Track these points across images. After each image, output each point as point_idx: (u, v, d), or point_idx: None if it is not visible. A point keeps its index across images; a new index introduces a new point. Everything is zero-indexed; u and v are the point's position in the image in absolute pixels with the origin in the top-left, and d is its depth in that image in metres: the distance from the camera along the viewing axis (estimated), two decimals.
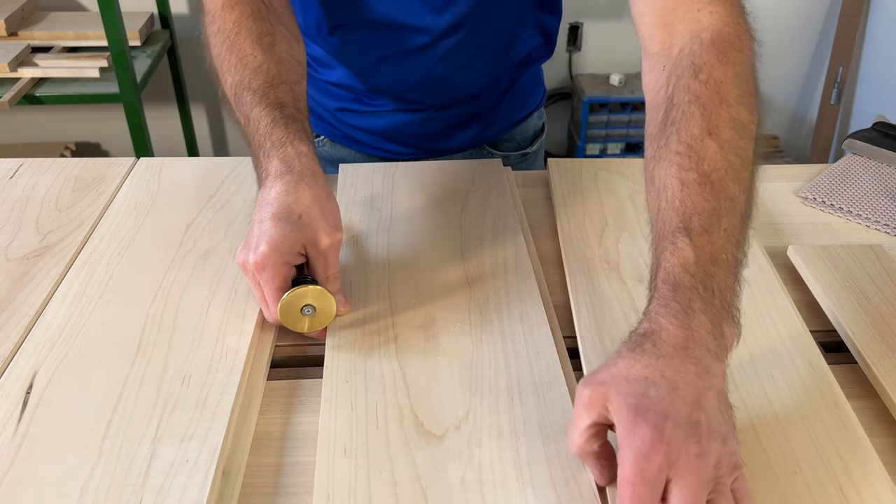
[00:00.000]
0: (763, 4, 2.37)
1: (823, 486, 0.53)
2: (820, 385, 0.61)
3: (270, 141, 0.67)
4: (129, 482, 0.53)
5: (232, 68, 0.73)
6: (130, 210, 0.82)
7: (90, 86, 1.91)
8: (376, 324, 0.66)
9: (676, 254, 0.52)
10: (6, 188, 0.88)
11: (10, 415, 0.58)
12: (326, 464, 0.53)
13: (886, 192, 0.88)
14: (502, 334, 0.65)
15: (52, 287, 0.71)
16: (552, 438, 0.55)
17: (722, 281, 0.51)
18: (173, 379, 0.61)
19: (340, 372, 0.61)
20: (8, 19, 1.96)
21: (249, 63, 0.72)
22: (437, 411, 0.57)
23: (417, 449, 0.54)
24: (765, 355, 0.64)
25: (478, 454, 0.54)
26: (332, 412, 0.58)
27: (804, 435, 0.57)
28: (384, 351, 0.63)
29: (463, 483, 0.52)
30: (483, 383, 0.60)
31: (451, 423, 0.56)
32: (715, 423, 0.47)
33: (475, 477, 0.52)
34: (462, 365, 0.62)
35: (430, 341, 0.64)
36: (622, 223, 0.81)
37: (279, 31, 0.76)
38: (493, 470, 0.53)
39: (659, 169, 0.57)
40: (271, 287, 0.63)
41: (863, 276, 0.73)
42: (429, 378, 0.60)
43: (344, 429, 0.56)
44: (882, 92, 2.26)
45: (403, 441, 0.55)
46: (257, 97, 0.70)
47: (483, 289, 0.70)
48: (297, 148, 0.66)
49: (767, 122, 2.58)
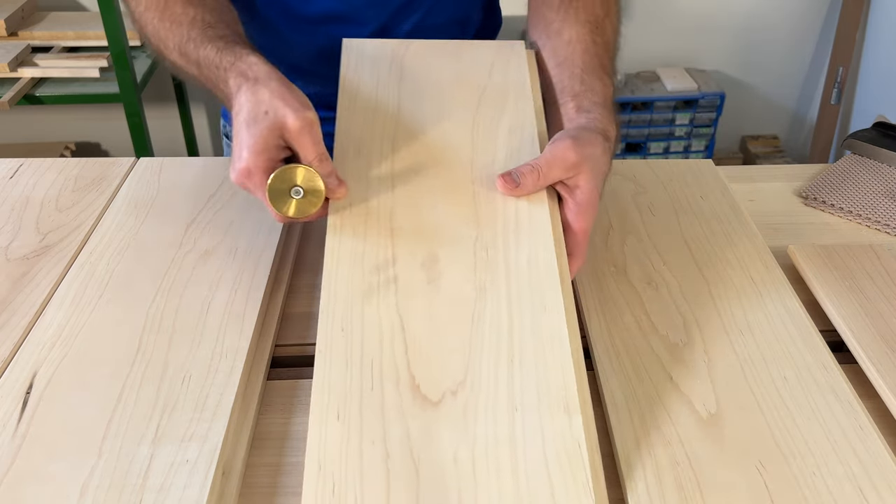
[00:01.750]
0: (764, 4, 2.38)
1: (843, 486, 0.53)
2: (834, 386, 0.61)
3: (223, 67, 0.69)
4: (129, 482, 0.53)
5: (170, 33, 0.75)
6: (130, 210, 0.82)
7: (90, 86, 1.91)
8: (376, 257, 0.61)
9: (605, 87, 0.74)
10: (6, 188, 0.88)
11: (10, 415, 0.58)
12: (319, 429, 0.51)
13: (886, 191, 0.88)
14: (507, 282, 0.60)
15: (52, 287, 0.71)
16: (549, 413, 0.52)
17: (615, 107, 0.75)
18: (173, 379, 0.61)
19: (337, 318, 0.57)
20: (8, 19, 1.96)
21: (184, 20, 0.74)
22: (435, 372, 0.54)
23: (412, 417, 0.52)
24: (777, 356, 0.64)
25: (472, 428, 0.51)
26: (326, 368, 0.55)
27: (821, 436, 0.57)
28: (383, 295, 0.59)
29: (455, 460, 0.50)
30: (483, 341, 0.56)
31: (448, 388, 0.54)
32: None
33: (468, 453, 0.50)
34: (463, 317, 0.58)
35: (432, 284, 0.60)
36: (627, 226, 0.80)
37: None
38: (486, 446, 0.51)
39: (569, 27, 0.78)
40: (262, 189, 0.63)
41: (863, 276, 0.73)
42: (428, 331, 0.57)
43: (338, 389, 0.53)
44: (882, 92, 2.26)
45: (398, 408, 0.52)
46: (199, 41, 0.72)
47: (492, 224, 0.64)
48: (246, 60, 0.68)
49: (767, 122, 2.58)
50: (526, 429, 0.51)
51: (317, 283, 0.76)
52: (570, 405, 0.52)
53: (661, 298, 0.70)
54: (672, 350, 0.65)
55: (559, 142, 0.66)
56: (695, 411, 0.59)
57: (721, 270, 0.74)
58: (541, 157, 0.66)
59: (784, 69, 2.49)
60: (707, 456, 0.55)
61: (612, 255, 0.76)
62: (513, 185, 0.65)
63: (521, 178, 0.65)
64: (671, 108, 2.34)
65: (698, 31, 2.39)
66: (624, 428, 0.58)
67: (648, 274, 0.73)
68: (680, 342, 0.65)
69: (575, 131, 0.68)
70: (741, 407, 0.59)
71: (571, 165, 0.65)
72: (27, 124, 2.33)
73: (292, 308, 0.73)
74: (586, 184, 0.65)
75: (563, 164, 0.65)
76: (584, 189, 0.65)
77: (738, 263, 0.75)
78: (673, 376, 0.62)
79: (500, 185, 0.66)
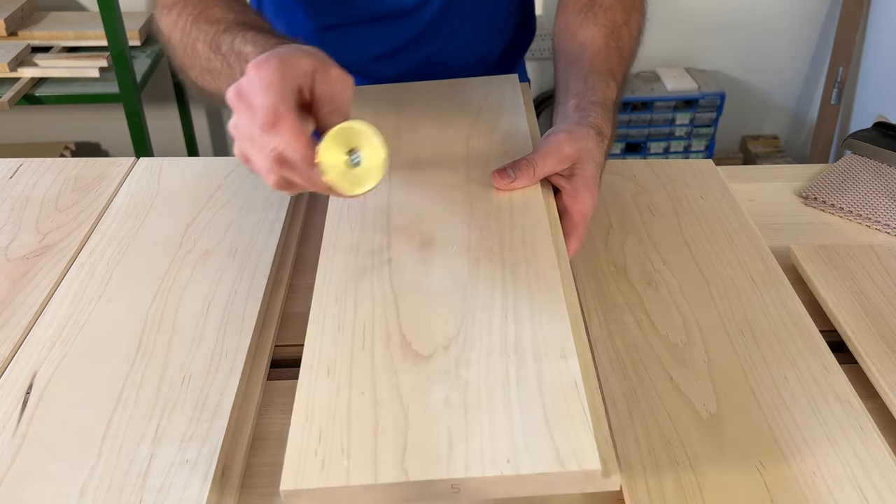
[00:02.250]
0: (764, 4, 2.38)
1: (843, 487, 0.53)
2: (834, 386, 0.61)
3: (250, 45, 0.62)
4: (129, 482, 0.53)
5: (201, 32, 0.68)
6: (130, 210, 0.82)
7: (90, 86, 1.91)
8: (371, 242, 0.62)
9: (609, 89, 0.74)
10: (6, 188, 0.87)
11: (9, 415, 0.58)
12: (308, 384, 0.50)
13: (887, 191, 0.88)
14: (502, 254, 0.60)
15: (52, 287, 0.71)
16: (545, 358, 0.51)
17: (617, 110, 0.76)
18: (173, 379, 0.61)
19: (331, 292, 0.58)
20: (8, 19, 1.96)
21: (222, 19, 0.68)
22: (426, 331, 0.54)
23: (402, 369, 0.51)
24: (777, 356, 0.64)
25: (465, 374, 0.50)
26: (318, 333, 0.54)
27: (821, 437, 0.57)
28: (377, 272, 0.59)
29: (447, 403, 0.48)
30: (477, 302, 0.56)
31: (440, 344, 0.53)
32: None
33: (460, 397, 0.49)
34: (457, 284, 0.57)
35: (426, 261, 0.60)
36: (627, 226, 0.80)
37: (249, 7, 0.74)
38: (479, 390, 0.49)
39: (585, 30, 0.79)
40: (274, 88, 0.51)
41: (863, 276, 0.73)
42: (421, 298, 0.56)
43: (329, 350, 0.53)
44: (882, 92, 2.26)
45: (388, 361, 0.52)
46: (234, 33, 0.65)
47: (486, 209, 0.65)
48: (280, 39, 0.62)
49: (768, 122, 2.58)
50: (520, 372, 0.50)
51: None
52: (567, 352, 0.51)
53: (661, 298, 0.70)
54: (672, 350, 0.65)
55: (553, 136, 0.67)
56: (695, 411, 0.59)
57: (721, 270, 0.74)
58: (535, 152, 0.67)
59: (784, 69, 2.49)
60: (707, 456, 0.55)
61: (612, 255, 0.76)
62: (508, 180, 0.66)
63: (516, 172, 0.66)
64: (671, 108, 2.34)
65: (698, 31, 2.39)
66: (624, 428, 0.58)
67: (648, 274, 0.73)
68: (680, 342, 0.65)
69: (568, 126, 0.68)
70: (741, 407, 0.59)
71: (566, 157, 0.66)
72: (27, 124, 2.33)
73: (292, 308, 0.73)
74: (582, 171, 0.66)
75: (557, 156, 0.66)
76: (581, 176, 0.66)
77: (738, 263, 0.74)
78: (673, 376, 0.62)
79: (495, 180, 0.66)
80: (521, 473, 0.44)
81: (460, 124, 0.76)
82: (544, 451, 0.45)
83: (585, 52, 0.77)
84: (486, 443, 0.46)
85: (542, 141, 0.68)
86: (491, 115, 0.78)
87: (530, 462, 0.44)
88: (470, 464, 0.45)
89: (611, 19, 0.79)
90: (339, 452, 0.46)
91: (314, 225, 0.84)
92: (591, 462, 0.44)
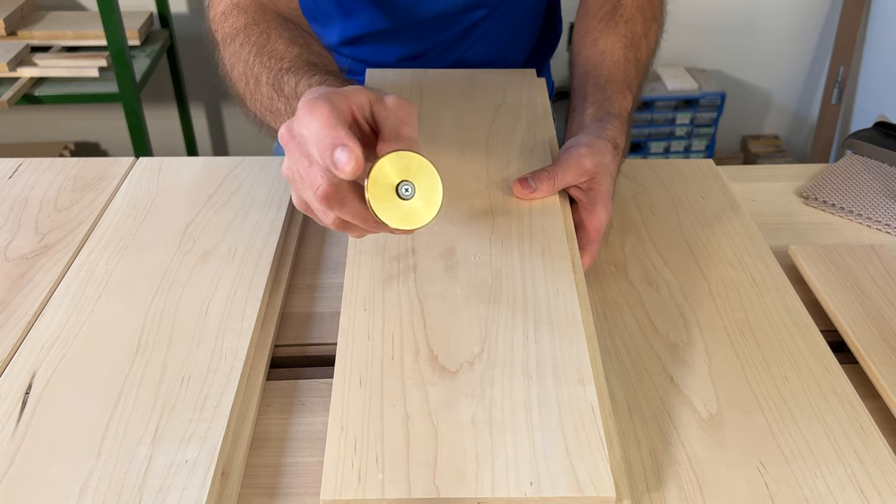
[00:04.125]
0: (764, 4, 2.37)
1: (843, 487, 0.53)
2: (834, 386, 0.61)
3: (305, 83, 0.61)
4: (129, 482, 0.53)
5: (266, 67, 0.66)
6: (130, 210, 0.82)
7: (89, 85, 1.91)
8: (396, 249, 0.65)
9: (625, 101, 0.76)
10: (5, 188, 0.87)
11: (9, 415, 0.58)
12: (342, 393, 0.53)
13: (887, 191, 0.88)
14: (522, 269, 0.63)
15: (52, 287, 0.71)
16: (564, 382, 0.54)
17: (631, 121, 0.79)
18: (172, 379, 0.61)
19: (359, 300, 0.61)
20: (7, 19, 1.96)
21: (287, 55, 0.66)
22: (452, 346, 0.57)
23: (431, 384, 0.54)
24: (778, 356, 0.64)
25: (489, 392, 0.53)
26: (349, 341, 0.57)
27: (822, 436, 0.57)
28: (403, 279, 0.62)
29: (473, 421, 0.52)
30: (500, 319, 0.59)
31: (465, 359, 0.56)
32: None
33: (485, 416, 0.52)
34: (480, 299, 0.60)
35: (449, 272, 0.63)
36: (627, 225, 0.80)
37: (312, 37, 0.73)
38: (503, 410, 0.52)
39: (605, 38, 0.80)
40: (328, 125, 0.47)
41: (863, 276, 0.73)
42: (446, 311, 0.60)
43: (360, 359, 0.56)
44: (883, 91, 2.26)
45: (418, 375, 0.55)
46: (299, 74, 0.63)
47: (507, 219, 0.67)
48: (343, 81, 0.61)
49: (768, 122, 2.58)
50: (541, 395, 0.53)
51: (316, 284, 0.76)
52: (584, 377, 0.55)
53: (661, 298, 0.70)
54: (672, 350, 0.64)
55: (573, 149, 0.69)
56: (695, 411, 0.59)
57: (722, 270, 0.74)
58: (556, 164, 0.69)
59: (785, 69, 2.49)
60: (707, 456, 0.55)
61: (612, 254, 0.76)
62: (529, 190, 0.68)
63: (537, 183, 0.68)
64: (672, 107, 2.34)
65: (699, 31, 2.39)
66: (624, 428, 0.58)
67: (649, 274, 0.73)
68: (680, 342, 0.65)
69: (588, 139, 0.70)
70: (742, 407, 0.59)
71: (585, 171, 0.68)
72: (26, 124, 2.33)
73: (292, 308, 0.73)
74: (599, 186, 0.68)
75: (577, 169, 0.68)
76: (598, 190, 0.68)
77: (738, 263, 0.74)
78: (673, 376, 0.62)
79: (516, 189, 0.69)
80: (542, 496, 0.48)
81: (479, 124, 0.79)
82: (564, 477, 0.49)
83: (605, 62, 0.78)
84: (511, 464, 0.49)
85: (562, 153, 0.70)
86: (509, 116, 0.80)
87: (552, 486, 0.48)
88: (496, 484, 0.48)
89: (631, 30, 0.80)
90: (374, 465, 0.49)
91: (314, 225, 0.84)
92: (606, 490, 0.48)
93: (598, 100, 0.75)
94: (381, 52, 0.95)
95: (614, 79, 0.77)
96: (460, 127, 0.79)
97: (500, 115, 0.80)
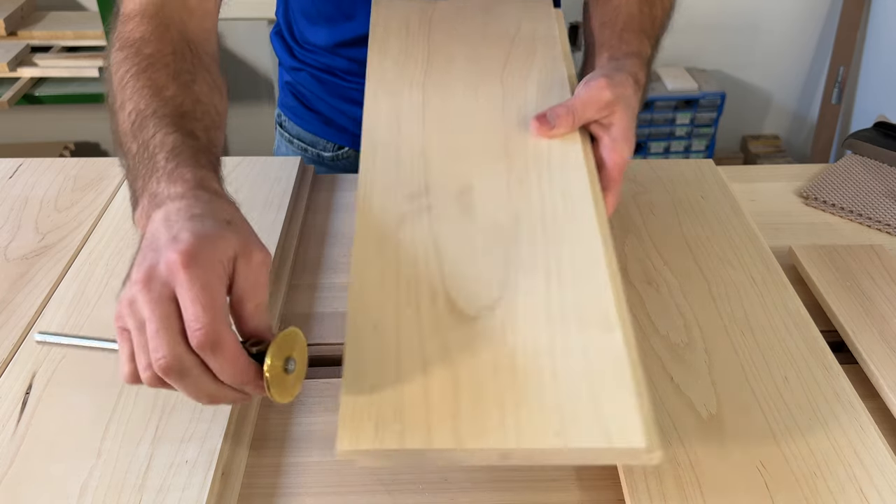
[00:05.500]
0: (763, 5, 2.37)
1: (843, 487, 0.53)
2: (835, 386, 0.61)
3: (175, 161, 0.54)
4: (129, 482, 0.53)
5: (136, 94, 0.61)
6: (130, 210, 0.82)
7: (89, 85, 1.91)
8: (409, 188, 0.61)
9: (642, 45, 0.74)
10: (5, 188, 0.87)
11: (9, 415, 0.58)
12: (356, 339, 0.50)
13: (887, 191, 0.88)
14: (542, 210, 0.59)
15: (52, 287, 0.71)
16: (588, 327, 0.51)
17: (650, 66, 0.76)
18: None
19: (371, 241, 0.57)
20: (7, 19, 1.96)
21: (160, 92, 0.61)
22: (471, 290, 0.53)
23: (449, 329, 0.51)
24: (778, 357, 0.64)
25: (511, 339, 0.50)
26: (362, 285, 0.54)
27: (822, 437, 0.56)
28: (417, 221, 0.58)
29: (495, 369, 0.49)
30: (519, 262, 0.55)
31: (485, 304, 0.53)
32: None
33: (507, 363, 0.49)
34: (497, 241, 0.57)
35: (466, 213, 0.59)
36: (627, 224, 0.80)
37: (202, 75, 0.66)
38: (525, 356, 0.49)
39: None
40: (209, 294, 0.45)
41: (863, 276, 0.73)
42: (463, 253, 0.56)
43: (374, 303, 0.52)
44: (883, 91, 2.26)
45: (434, 320, 0.51)
46: (163, 123, 0.57)
47: (524, 158, 0.64)
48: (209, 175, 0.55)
49: (768, 122, 2.58)
50: (566, 341, 0.50)
51: (317, 284, 0.76)
52: (611, 322, 0.51)
53: (661, 298, 0.70)
54: (673, 350, 0.64)
55: (593, 82, 0.66)
56: (695, 411, 0.59)
57: (721, 270, 0.74)
58: (575, 98, 0.66)
59: (785, 69, 2.49)
60: (707, 456, 0.55)
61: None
62: (548, 127, 0.65)
63: (556, 120, 0.65)
64: (672, 107, 2.34)
65: (699, 31, 2.39)
66: None
67: (649, 274, 0.73)
68: (681, 342, 0.65)
69: (607, 72, 0.67)
70: (742, 407, 0.59)
71: (606, 104, 0.65)
72: (26, 124, 2.33)
73: (292, 308, 0.73)
74: (620, 121, 0.65)
75: (597, 103, 0.65)
76: (619, 126, 0.66)
77: (738, 263, 0.74)
78: (674, 377, 0.62)
79: (534, 127, 0.65)
80: (569, 447, 0.45)
81: (493, 57, 0.75)
82: (591, 426, 0.45)
83: (620, 14, 0.76)
84: (536, 414, 0.46)
85: (580, 87, 0.67)
86: (525, 50, 0.76)
87: (578, 436, 0.45)
88: (521, 434, 0.45)
89: None
90: (391, 414, 0.46)
91: (314, 225, 0.84)
92: (637, 440, 0.45)
93: (615, 45, 0.73)
94: None
95: (630, 27, 0.75)
96: (473, 63, 0.74)
97: (514, 50, 0.76)
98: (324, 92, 1.00)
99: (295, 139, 1.05)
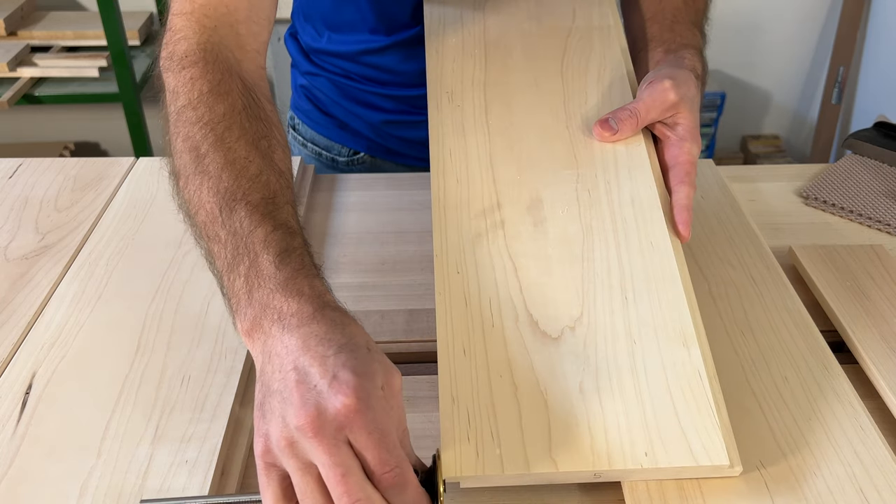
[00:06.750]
0: (763, 4, 2.37)
1: (843, 487, 0.53)
2: (835, 386, 0.61)
3: (285, 270, 0.51)
4: (129, 482, 0.53)
5: (220, 172, 0.56)
6: (130, 210, 0.82)
7: (89, 85, 1.91)
8: (481, 203, 0.62)
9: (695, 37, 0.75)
10: (5, 188, 0.87)
11: (9, 415, 0.58)
12: (448, 363, 0.52)
13: (887, 191, 0.88)
14: (613, 220, 0.61)
15: (52, 287, 0.71)
16: (667, 345, 0.53)
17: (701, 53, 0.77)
18: (172, 379, 0.61)
19: (451, 262, 0.59)
20: (7, 19, 1.96)
21: (246, 170, 0.56)
22: (551, 310, 0.56)
23: (534, 351, 0.53)
24: (778, 357, 0.64)
25: (594, 358, 0.52)
26: (447, 307, 0.56)
27: (822, 436, 0.56)
28: (492, 238, 0.60)
29: (581, 390, 0.51)
30: (595, 279, 0.57)
31: (566, 324, 0.55)
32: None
33: (593, 384, 0.51)
34: (572, 257, 0.58)
35: (538, 227, 0.61)
36: None
37: (275, 135, 0.61)
38: (609, 377, 0.51)
39: None
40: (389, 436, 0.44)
41: (863, 276, 0.73)
42: (540, 272, 0.58)
43: (460, 326, 0.55)
44: (883, 91, 2.26)
45: (520, 342, 0.54)
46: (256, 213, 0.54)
47: (591, 165, 0.64)
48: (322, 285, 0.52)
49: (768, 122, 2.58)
50: (646, 360, 0.52)
51: None
52: (688, 338, 0.53)
53: None
54: None
55: (656, 83, 0.66)
56: None
57: (721, 270, 0.74)
58: (638, 101, 0.66)
59: (785, 69, 2.49)
60: None
61: None
62: (611, 132, 0.65)
63: (619, 125, 0.65)
64: None
65: None
66: None
67: None
68: None
69: (669, 71, 0.68)
70: (742, 407, 0.59)
71: (670, 106, 0.66)
72: (26, 124, 2.33)
73: None
74: (685, 120, 0.66)
75: (662, 105, 0.65)
76: (685, 125, 0.66)
77: (738, 263, 0.74)
78: None
79: (597, 132, 0.66)
80: (658, 466, 0.48)
81: (550, 53, 0.75)
82: (678, 445, 0.48)
83: (666, 7, 0.77)
84: (624, 435, 0.49)
85: (643, 88, 0.67)
86: (582, 43, 0.76)
87: (666, 457, 0.48)
88: (612, 456, 0.48)
89: None
90: (490, 439, 0.49)
91: (314, 225, 0.84)
92: (720, 457, 0.48)
93: (668, 38, 0.74)
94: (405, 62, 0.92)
95: (679, 19, 0.76)
96: (531, 56, 0.74)
97: (571, 42, 0.76)
98: (341, 97, 0.98)
99: (309, 143, 1.04)
